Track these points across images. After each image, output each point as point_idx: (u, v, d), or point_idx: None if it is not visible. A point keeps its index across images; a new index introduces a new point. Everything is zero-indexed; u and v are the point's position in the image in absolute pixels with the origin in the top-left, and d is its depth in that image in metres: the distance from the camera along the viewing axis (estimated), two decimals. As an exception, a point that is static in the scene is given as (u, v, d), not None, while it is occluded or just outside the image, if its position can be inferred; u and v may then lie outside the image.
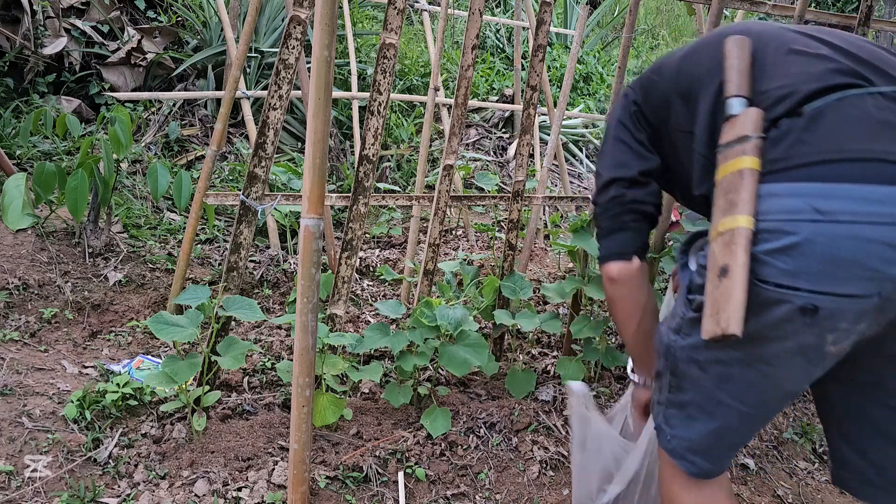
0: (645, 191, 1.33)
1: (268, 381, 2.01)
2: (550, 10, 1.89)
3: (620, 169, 1.32)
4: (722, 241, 0.98)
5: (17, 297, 2.16)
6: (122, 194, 2.93)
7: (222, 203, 1.97)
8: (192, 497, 1.50)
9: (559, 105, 2.26)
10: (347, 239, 1.83)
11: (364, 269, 2.87)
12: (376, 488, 1.60)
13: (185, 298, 1.63)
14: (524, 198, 2.08)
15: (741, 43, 1.10)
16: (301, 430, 1.39)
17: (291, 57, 1.61)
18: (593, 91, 5.35)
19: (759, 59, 1.10)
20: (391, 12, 1.69)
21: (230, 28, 2.73)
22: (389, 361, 2.12)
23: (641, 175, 1.32)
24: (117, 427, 1.68)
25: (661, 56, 1.34)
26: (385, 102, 1.75)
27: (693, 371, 1.10)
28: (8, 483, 1.46)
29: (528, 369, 2.00)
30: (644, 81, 1.31)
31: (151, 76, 3.70)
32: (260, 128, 1.64)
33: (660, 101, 1.26)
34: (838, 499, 1.79)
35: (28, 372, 1.85)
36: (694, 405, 1.13)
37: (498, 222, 2.91)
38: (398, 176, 3.77)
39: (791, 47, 1.09)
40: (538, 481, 1.68)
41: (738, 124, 1.03)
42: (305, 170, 1.28)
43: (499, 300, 2.06)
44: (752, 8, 2.19)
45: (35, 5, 3.36)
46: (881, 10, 8.10)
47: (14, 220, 2.21)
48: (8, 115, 3.16)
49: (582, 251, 2.05)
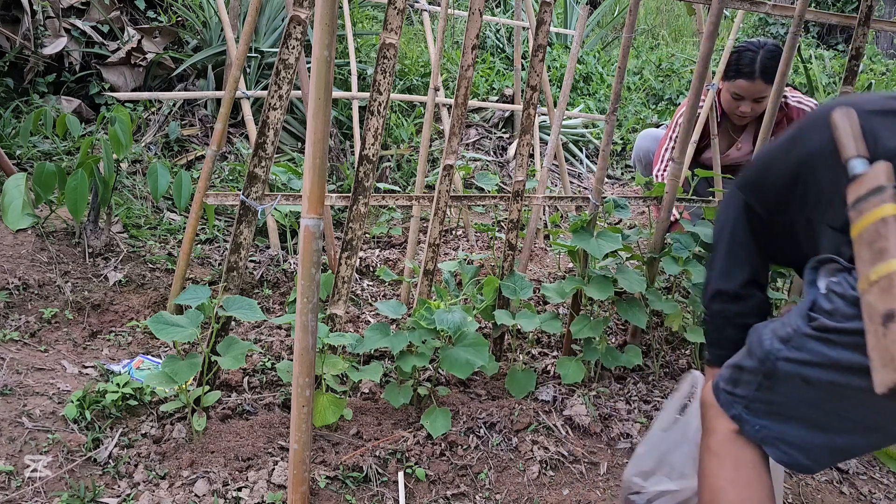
0: (748, 305, 1.40)
1: (268, 381, 2.01)
2: (550, 10, 1.89)
3: (724, 280, 1.41)
4: (878, 288, 0.98)
5: (17, 297, 2.16)
6: (122, 194, 2.93)
7: (222, 203, 1.97)
8: (192, 497, 1.50)
9: (559, 105, 2.26)
10: (347, 239, 1.83)
11: (364, 269, 2.87)
12: (376, 488, 1.60)
13: (185, 298, 1.63)
14: (524, 198, 2.08)
15: (847, 113, 1.14)
16: (301, 430, 1.39)
17: (291, 57, 1.61)
18: (593, 91, 5.35)
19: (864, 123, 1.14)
20: (391, 12, 1.69)
21: (230, 28, 2.73)
22: (389, 361, 2.12)
23: (743, 287, 1.39)
24: (117, 427, 1.68)
25: (760, 151, 1.42)
26: (385, 102, 1.75)
27: (795, 383, 1.13)
28: (8, 483, 1.46)
29: (528, 369, 2.00)
30: (751, 180, 1.37)
31: (151, 76, 3.70)
32: (260, 128, 1.64)
33: (773, 191, 1.31)
34: (838, 499, 1.79)
35: (28, 372, 1.85)
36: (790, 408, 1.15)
37: (498, 222, 2.90)
38: (398, 176, 3.77)
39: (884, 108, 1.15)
40: (538, 481, 1.68)
41: (868, 180, 1.05)
42: (305, 170, 1.28)
43: (499, 300, 2.06)
44: (752, 8, 2.19)
45: (35, 5, 3.36)
46: (881, 10, 8.10)
47: (14, 220, 2.21)
48: (8, 115, 3.16)
49: (582, 251, 2.05)
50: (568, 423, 1.86)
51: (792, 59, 2.03)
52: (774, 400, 1.16)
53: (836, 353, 1.06)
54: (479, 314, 2.02)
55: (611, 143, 2.05)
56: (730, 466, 1.20)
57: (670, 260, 2.06)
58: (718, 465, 1.21)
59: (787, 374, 1.14)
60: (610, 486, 1.70)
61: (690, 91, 2.01)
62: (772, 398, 1.17)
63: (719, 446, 1.22)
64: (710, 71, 2.50)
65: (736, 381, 1.23)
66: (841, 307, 1.06)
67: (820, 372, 1.09)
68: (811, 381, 1.11)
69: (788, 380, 1.14)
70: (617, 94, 2.01)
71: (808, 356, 1.10)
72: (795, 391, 1.13)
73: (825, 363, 1.08)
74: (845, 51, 7.41)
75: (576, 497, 1.65)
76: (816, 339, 1.09)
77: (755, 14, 7.76)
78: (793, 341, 1.13)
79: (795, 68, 5.43)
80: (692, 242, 2.11)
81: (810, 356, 1.10)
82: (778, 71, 2.07)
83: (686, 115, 2.03)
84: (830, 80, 5.39)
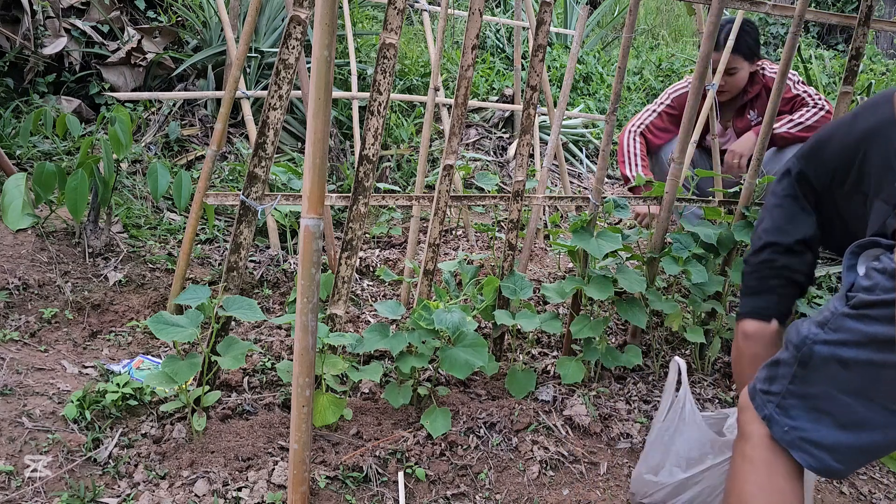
0: (799, 259, 1.41)
1: (268, 381, 2.01)
2: (550, 10, 1.89)
3: (778, 234, 1.41)
4: None
5: (17, 297, 2.16)
6: (122, 194, 2.93)
7: (222, 203, 1.97)
8: (192, 497, 1.50)
9: (559, 105, 2.26)
10: (347, 239, 1.83)
11: (364, 269, 2.87)
12: (376, 488, 1.60)
13: (185, 298, 1.63)
14: (524, 198, 2.08)
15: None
16: (301, 430, 1.39)
17: (291, 57, 1.61)
18: (593, 91, 5.35)
19: None
20: (391, 12, 1.69)
21: (230, 28, 2.73)
22: (389, 361, 2.12)
23: (798, 244, 1.40)
24: (117, 427, 1.68)
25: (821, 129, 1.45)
26: (385, 102, 1.75)
27: (831, 368, 1.11)
28: (8, 483, 1.46)
29: (528, 369, 2.00)
30: (808, 152, 1.39)
31: (151, 76, 3.70)
32: (260, 128, 1.64)
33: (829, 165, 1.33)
34: (838, 499, 1.79)
35: (28, 372, 1.85)
36: (823, 400, 1.13)
37: (498, 222, 2.90)
38: (398, 176, 3.77)
39: None
40: (538, 481, 1.68)
41: None
42: (305, 170, 1.28)
43: (499, 300, 2.06)
44: (752, 8, 2.19)
45: (35, 5, 3.36)
46: (881, 10, 8.10)
47: (14, 220, 2.21)
48: (8, 115, 3.16)
49: (582, 251, 2.05)
50: (568, 423, 1.86)
51: (792, 59, 2.03)
52: (808, 392, 1.14)
53: (872, 329, 1.05)
54: (479, 314, 2.02)
55: (611, 143, 2.05)
56: (763, 473, 1.18)
57: (670, 260, 2.06)
58: (751, 470, 1.19)
59: (823, 359, 1.12)
60: (610, 487, 1.70)
61: (690, 91, 2.01)
62: (805, 390, 1.15)
63: (754, 451, 1.20)
64: (709, 71, 2.50)
65: (772, 377, 1.21)
66: (881, 282, 1.05)
67: (857, 351, 1.08)
68: (847, 362, 1.09)
69: (824, 365, 1.12)
70: (617, 94, 2.01)
71: (845, 336, 1.09)
72: (831, 378, 1.11)
73: (862, 341, 1.07)
74: (845, 51, 7.41)
75: (576, 497, 1.65)
76: (854, 317, 1.08)
77: (755, 14, 7.76)
78: (830, 323, 1.12)
79: (795, 68, 5.42)
80: (692, 242, 2.11)
81: (847, 335, 1.08)
82: (778, 71, 2.07)
83: (686, 114, 2.03)
84: (830, 80, 5.39)
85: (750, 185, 2.16)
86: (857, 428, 1.11)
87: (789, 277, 1.43)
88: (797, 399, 1.16)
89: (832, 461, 1.13)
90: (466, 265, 2.18)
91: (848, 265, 1.17)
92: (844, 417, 1.12)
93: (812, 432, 1.14)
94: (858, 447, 1.13)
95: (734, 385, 2.13)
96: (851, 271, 1.15)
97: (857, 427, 1.11)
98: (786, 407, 1.17)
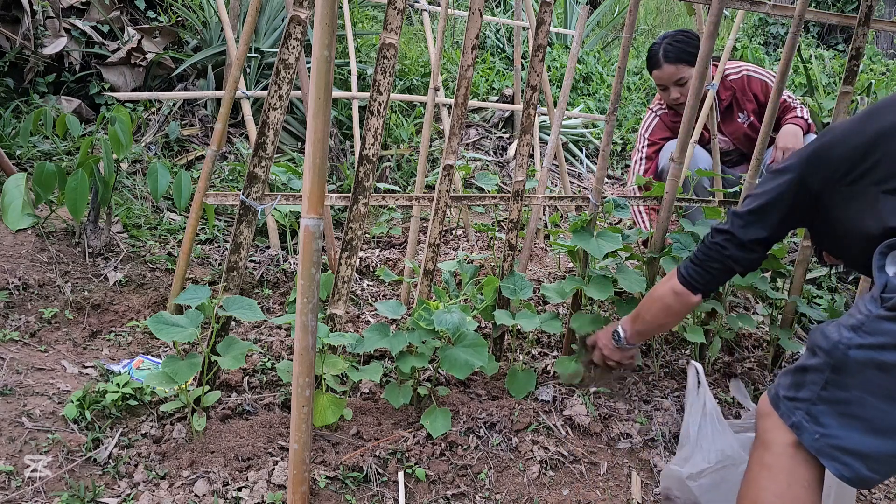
0: (746, 255, 1.52)
1: (268, 381, 2.01)
2: (550, 10, 1.89)
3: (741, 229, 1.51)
4: None
5: (17, 297, 2.16)
6: (122, 194, 2.93)
7: (222, 203, 1.97)
8: (192, 497, 1.50)
9: (559, 105, 2.26)
10: (347, 239, 1.83)
11: (364, 269, 2.87)
12: (376, 488, 1.60)
13: (185, 298, 1.63)
14: (524, 198, 2.08)
15: None
16: (301, 430, 1.39)
17: (291, 57, 1.61)
18: (593, 91, 5.35)
19: None
20: (391, 12, 1.69)
21: (230, 28, 2.73)
22: (389, 361, 2.12)
23: (753, 243, 1.50)
24: (117, 427, 1.68)
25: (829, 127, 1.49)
26: (385, 102, 1.75)
27: (868, 372, 1.09)
28: (8, 483, 1.46)
29: (528, 369, 2.00)
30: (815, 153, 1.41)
31: (151, 76, 3.70)
32: (260, 128, 1.64)
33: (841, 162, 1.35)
34: (838, 499, 1.79)
35: (28, 372, 1.85)
36: (858, 405, 1.10)
37: (498, 222, 2.91)
38: (398, 176, 3.77)
39: None
40: (538, 481, 1.68)
41: None
42: (305, 170, 1.28)
43: (499, 300, 2.06)
44: (752, 8, 2.19)
45: (35, 5, 3.36)
46: (881, 10, 8.11)
47: (14, 220, 2.21)
48: (8, 115, 3.16)
49: (582, 251, 2.05)
50: (568, 423, 1.86)
51: (792, 59, 2.03)
52: (842, 397, 1.12)
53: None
54: (479, 314, 2.02)
55: (611, 143, 2.05)
56: (783, 482, 1.15)
57: (670, 260, 2.06)
58: (770, 478, 1.17)
59: (859, 363, 1.09)
60: (610, 487, 1.70)
61: (690, 91, 2.01)
62: (839, 395, 1.12)
63: (774, 460, 1.18)
64: (709, 71, 2.50)
65: (799, 384, 1.18)
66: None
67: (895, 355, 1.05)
68: (886, 366, 1.06)
69: (860, 370, 1.09)
70: (617, 94, 2.01)
71: (883, 339, 1.06)
72: (867, 382, 1.09)
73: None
74: (845, 51, 7.41)
75: (576, 497, 1.65)
76: (891, 319, 1.06)
77: (755, 14, 7.76)
78: (864, 327, 1.10)
79: (795, 68, 5.43)
80: (692, 242, 2.11)
81: (885, 338, 1.06)
82: (778, 71, 2.07)
83: (686, 114, 2.03)
84: (830, 80, 5.39)
85: (749, 185, 2.16)
86: (891, 434, 1.08)
87: (730, 267, 1.55)
88: (828, 405, 1.13)
89: (864, 469, 1.10)
90: (466, 265, 2.18)
91: (878, 265, 1.15)
92: (879, 423, 1.09)
93: (845, 439, 1.11)
94: (893, 454, 1.10)
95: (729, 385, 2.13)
96: (882, 272, 1.13)
97: (892, 433, 1.08)
98: (815, 414, 1.14)
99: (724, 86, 2.86)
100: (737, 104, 2.90)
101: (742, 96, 2.87)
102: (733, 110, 2.91)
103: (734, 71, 2.88)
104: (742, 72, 2.88)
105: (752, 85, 2.87)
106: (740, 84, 2.87)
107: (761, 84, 2.86)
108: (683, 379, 2.16)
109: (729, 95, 2.87)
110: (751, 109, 2.88)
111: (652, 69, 2.84)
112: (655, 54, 2.79)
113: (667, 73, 2.77)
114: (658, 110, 3.01)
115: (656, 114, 3.02)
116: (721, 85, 2.85)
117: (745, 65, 2.92)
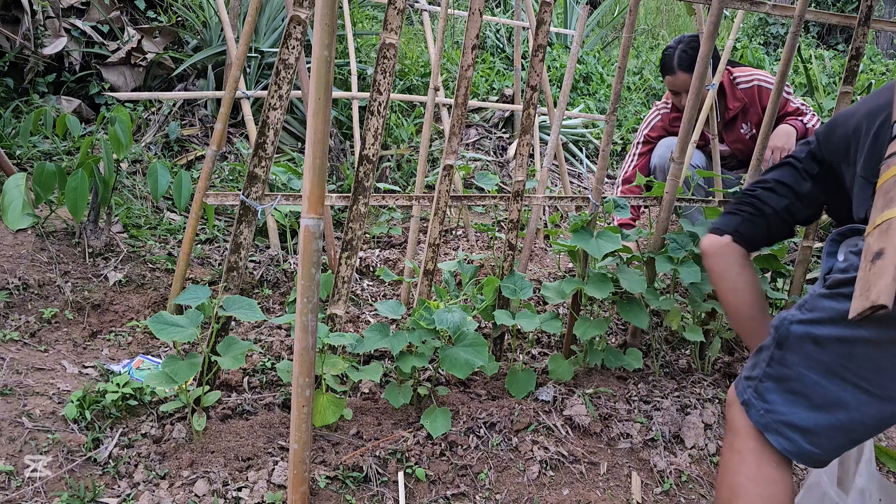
0: (773, 196, 1.60)
1: (268, 381, 2.01)
2: (550, 10, 1.89)
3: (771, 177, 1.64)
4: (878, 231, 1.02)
5: (17, 297, 2.16)
6: (122, 194, 2.93)
7: (222, 203, 1.97)
8: (192, 497, 1.50)
9: (559, 105, 2.26)
10: (347, 239, 1.83)
11: (364, 269, 2.87)
12: (376, 488, 1.60)
13: (185, 298, 1.63)
14: (524, 198, 2.08)
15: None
16: (301, 430, 1.39)
17: (291, 57, 1.61)
18: (593, 91, 5.35)
19: None
20: (391, 12, 1.69)
21: (230, 28, 2.73)
22: (389, 361, 2.12)
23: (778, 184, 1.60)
24: (117, 427, 1.68)
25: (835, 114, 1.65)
26: (385, 102, 1.75)
27: (806, 346, 1.14)
28: (8, 483, 1.46)
29: (528, 369, 2.00)
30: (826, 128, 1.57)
31: (151, 76, 3.70)
32: (260, 128, 1.64)
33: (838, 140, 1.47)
34: (838, 499, 1.79)
35: (28, 372, 1.85)
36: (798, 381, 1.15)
37: (498, 222, 2.91)
38: (398, 176, 3.77)
39: None
40: (538, 481, 1.68)
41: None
42: (305, 170, 1.28)
43: (499, 300, 2.06)
44: (752, 8, 2.19)
45: (35, 5, 3.36)
46: (881, 10, 8.11)
47: (14, 220, 2.21)
48: (8, 115, 3.16)
49: (582, 251, 2.05)
50: (568, 423, 1.86)
51: (792, 59, 2.03)
52: (784, 374, 1.17)
53: (844, 306, 1.07)
54: (479, 314, 2.02)
55: (611, 143, 2.05)
56: (752, 463, 1.19)
57: (664, 259, 2.06)
58: (740, 461, 1.20)
59: (798, 337, 1.15)
60: (610, 487, 1.70)
61: (690, 91, 2.01)
62: (781, 371, 1.17)
63: (742, 444, 1.22)
64: (709, 71, 2.50)
65: (754, 364, 1.24)
66: (855, 262, 1.09)
67: (830, 328, 1.11)
68: (820, 340, 1.12)
69: (799, 344, 1.15)
70: (617, 94, 2.01)
71: (819, 314, 1.13)
72: (805, 357, 1.14)
73: (835, 318, 1.10)
74: (845, 51, 7.41)
75: (576, 497, 1.65)
76: (828, 296, 1.12)
77: (755, 14, 7.76)
78: (807, 304, 1.17)
79: (795, 68, 5.43)
80: (689, 242, 2.11)
81: (822, 313, 1.12)
82: (778, 71, 2.07)
83: (686, 114, 2.03)
84: (830, 80, 5.39)
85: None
86: (830, 408, 1.12)
87: (758, 207, 1.60)
88: (773, 382, 1.19)
89: (806, 443, 1.14)
90: (466, 265, 2.18)
91: (828, 251, 1.22)
92: (818, 398, 1.13)
93: (788, 415, 1.15)
94: (831, 427, 1.13)
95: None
96: (831, 257, 1.20)
97: (830, 407, 1.12)
98: (762, 391, 1.19)
99: (735, 96, 2.83)
100: (743, 116, 2.87)
101: (751, 108, 2.85)
102: (738, 121, 2.89)
103: (745, 80, 2.85)
104: (753, 81, 2.84)
105: (762, 97, 2.82)
106: (751, 95, 2.84)
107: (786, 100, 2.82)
108: (683, 379, 2.16)
109: (737, 107, 2.84)
110: (755, 122, 2.85)
111: (665, 74, 2.83)
112: (670, 60, 2.78)
113: (680, 80, 2.76)
114: (663, 109, 3.01)
115: (660, 112, 3.02)
116: (731, 95, 2.83)
117: (756, 73, 2.87)
